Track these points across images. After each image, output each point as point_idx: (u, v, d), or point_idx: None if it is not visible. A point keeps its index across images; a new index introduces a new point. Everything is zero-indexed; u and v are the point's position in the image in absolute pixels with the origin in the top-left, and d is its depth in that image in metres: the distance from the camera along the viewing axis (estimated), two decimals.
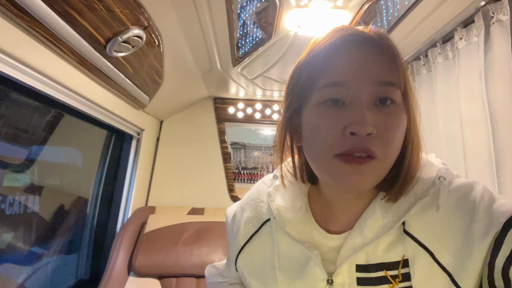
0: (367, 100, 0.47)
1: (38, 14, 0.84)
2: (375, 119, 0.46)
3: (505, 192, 0.94)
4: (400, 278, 0.50)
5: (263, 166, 2.48)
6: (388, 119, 0.47)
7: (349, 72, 0.48)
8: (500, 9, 0.98)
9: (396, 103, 0.48)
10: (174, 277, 1.78)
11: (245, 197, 0.70)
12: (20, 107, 1.29)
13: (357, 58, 0.48)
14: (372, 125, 0.45)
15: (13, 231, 1.34)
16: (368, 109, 0.46)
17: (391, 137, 0.47)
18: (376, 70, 0.47)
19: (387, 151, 0.47)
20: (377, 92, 0.47)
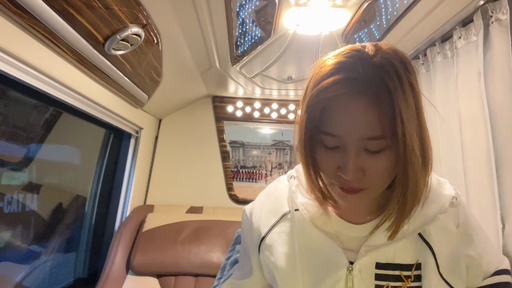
0: (355, 150, 0.52)
1: (37, 12, 0.84)
2: (363, 164, 0.53)
3: (504, 191, 0.94)
4: (412, 278, 0.59)
5: (262, 165, 2.48)
6: (376, 163, 0.53)
7: (343, 127, 0.52)
8: (499, 8, 0.98)
9: (384, 150, 0.52)
10: (173, 276, 1.78)
11: (262, 195, 0.76)
12: (18, 105, 1.28)
13: (350, 115, 0.52)
14: (359, 169, 0.52)
15: (11, 229, 1.34)
16: (357, 157, 0.52)
17: (378, 174, 0.54)
18: (363, 127, 0.51)
19: (375, 183, 0.55)
20: (365, 145, 0.52)
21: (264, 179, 2.47)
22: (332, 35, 1.33)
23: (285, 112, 2.40)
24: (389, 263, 0.59)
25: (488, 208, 0.98)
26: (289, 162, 2.47)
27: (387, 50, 0.53)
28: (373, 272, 0.59)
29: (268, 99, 2.39)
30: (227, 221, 1.95)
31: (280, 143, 2.47)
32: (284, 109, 2.39)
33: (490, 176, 0.99)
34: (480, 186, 1.04)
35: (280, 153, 2.48)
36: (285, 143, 2.47)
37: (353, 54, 0.53)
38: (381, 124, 0.50)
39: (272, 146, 2.48)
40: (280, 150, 2.48)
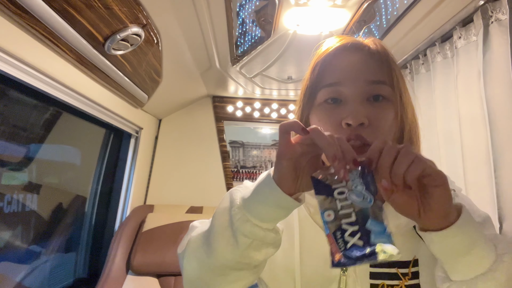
0: (360, 97, 0.55)
1: (37, 12, 0.84)
2: (367, 112, 0.53)
3: (502, 191, 0.94)
4: (409, 276, 0.56)
5: (261, 164, 2.48)
6: (379, 111, 0.54)
7: (343, 74, 0.56)
8: (499, 8, 0.98)
9: (386, 99, 0.56)
10: (173, 276, 1.78)
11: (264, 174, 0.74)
12: (18, 105, 1.29)
13: (350, 62, 0.57)
14: (364, 117, 0.52)
15: (11, 229, 1.34)
16: (361, 104, 0.54)
17: (382, 126, 0.54)
18: (366, 72, 0.56)
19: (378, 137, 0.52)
20: (368, 90, 0.55)
21: None
22: (332, 35, 1.32)
23: (285, 112, 2.40)
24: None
25: (487, 208, 0.98)
26: None
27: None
28: (368, 270, 0.57)
29: (268, 99, 2.39)
30: None
31: None
32: (284, 109, 2.39)
33: (489, 176, 0.99)
34: (480, 186, 1.04)
35: None
36: None
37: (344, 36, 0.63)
38: (381, 72, 0.56)
39: (272, 146, 2.48)
40: None
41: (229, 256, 0.50)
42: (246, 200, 0.50)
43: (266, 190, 0.47)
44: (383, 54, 0.58)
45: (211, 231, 0.53)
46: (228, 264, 0.51)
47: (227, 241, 0.50)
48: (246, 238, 0.48)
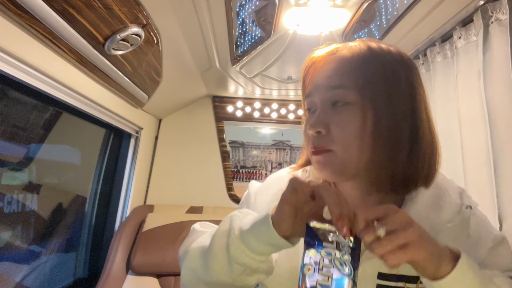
0: (322, 104, 0.57)
1: (37, 12, 0.84)
2: (327, 118, 0.56)
3: (502, 191, 0.94)
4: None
5: (261, 165, 2.48)
6: (338, 117, 0.55)
7: (313, 84, 0.60)
8: (499, 8, 0.98)
9: (348, 103, 0.55)
10: (173, 276, 1.78)
11: (271, 178, 0.74)
12: (18, 105, 1.29)
13: (319, 72, 0.59)
14: (321, 123, 0.55)
15: (11, 229, 1.34)
16: (324, 112, 0.56)
17: (341, 132, 0.54)
18: (328, 78, 0.57)
19: (338, 143, 0.54)
20: (330, 96, 0.56)
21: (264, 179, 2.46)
22: (332, 35, 1.33)
23: (285, 112, 2.40)
24: (393, 273, 0.56)
25: (487, 208, 0.98)
26: (289, 162, 2.47)
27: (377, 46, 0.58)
28: (375, 282, 0.56)
29: (268, 99, 2.39)
30: None
31: (280, 143, 2.48)
32: (284, 109, 2.39)
33: (489, 176, 0.99)
34: (480, 186, 1.04)
35: (280, 153, 2.48)
36: (285, 143, 2.47)
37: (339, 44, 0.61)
38: (341, 76, 0.56)
39: (272, 146, 2.48)
40: (280, 150, 2.48)
41: (223, 277, 0.53)
42: (243, 233, 0.51)
43: (263, 228, 0.49)
44: (357, 56, 0.56)
45: (209, 250, 0.55)
46: (222, 283, 0.54)
47: (222, 264, 0.52)
48: (239, 266, 0.51)
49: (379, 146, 0.53)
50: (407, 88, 0.55)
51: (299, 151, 2.46)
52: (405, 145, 0.54)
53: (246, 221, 0.53)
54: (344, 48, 0.58)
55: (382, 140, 0.53)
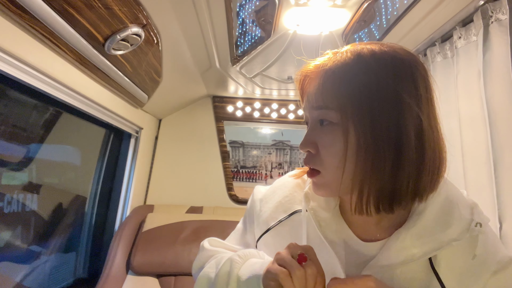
0: (312, 122, 0.58)
1: (37, 12, 0.84)
2: (316, 138, 0.56)
3: (502, 191, 0.94)
4: None
5: (262, 165, 2.48)
6: (324, 136, 0.55)
7: (304, 100, 0.61)
8: (499, 8, 0.98)
9: (332, 123, 0.54)
10: (173, 276, 1.78)
11: (278, 183, 0.73)
12: (18, 105, 1.29)
13: (307, 88, 0.60)
14: (310, 143, 0.56)
15: (11, 229, 1.34)
16: (313, 130, 0.57)
17: (327, 152, 0.55)
18: (312, 96, 0.57)
19: (326, 165, 0.55)
20: (316, 115, 0.57)
21: (264, 179, 2.47)
22: (332, 35, 1.33)
23: (285, 112, 2.40)
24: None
25: (487, 208, 0.98)
26: (289, 162, 2.47)
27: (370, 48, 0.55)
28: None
29: (268, 99, 2.39)
30: (227, 221, 1.95)
31: (280, 143, 2.48)
32: (284, 109, 2.39)
33: (489, 176, 0.99)
34: (480, 186, 1.04)
35: (280, 153, 2.48)
36: (285, 143, 2.47)
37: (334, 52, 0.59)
38: (322, 96, 0.55)
39: (272, 146, 2.48)
40: (280, 150, 2.48)
41: None
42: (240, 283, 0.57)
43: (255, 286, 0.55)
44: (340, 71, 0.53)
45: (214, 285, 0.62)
46: None
47: None
48: None
49: (361, 167, 0.51)
50: (394, 103, 0.51)
51: (299, 151, 2.46)
52: (387, 163, 0.51)
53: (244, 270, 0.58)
54: (329, 61, 0.56)
55: (362, 160, 0.51)
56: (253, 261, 0.60)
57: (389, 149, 0.50)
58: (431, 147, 0.53)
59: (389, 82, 0.51)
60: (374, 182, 0.51)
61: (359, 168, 0.52)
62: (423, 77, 0.54)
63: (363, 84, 0.51)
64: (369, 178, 0.51)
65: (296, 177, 0.69)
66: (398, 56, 0.53)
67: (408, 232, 0.55)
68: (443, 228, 0.55)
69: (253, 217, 0.72)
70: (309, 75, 0.59)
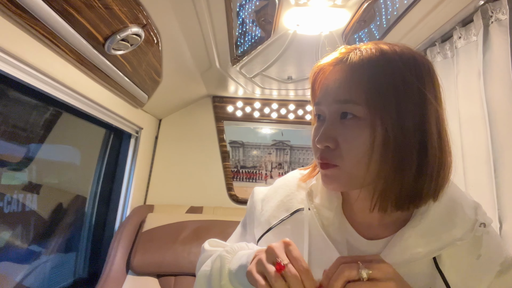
0: (332, 116, 0.56)
1: (37, 12, 0.84)
2: (336, 132, 0.54)
3: (502, 191, 0.94)
4: None
5: (262, 165, 2.48)
6: (346, 131, 0.54)
7: (321, 93, 0.58)
8: (499, 8, 0.98)
9: (357, 117, 0.53)
10: (173, 276, 1.78)
11: (279, 183, 0.72)
12: (18, 105, 1.28)
13: (325, 83, 0.58)
14: (330, 138, 0.54)
15: (11, 229, 1.34)
16: (332, 124, 0.55)
17: (349, 147, 0.53)
18: (335, 91, 0.55)
19: (346, 159, 0.53)
20: (337, 109, 0.55)
21: (264, 179, 2.47)
22: (332, 35, 1.33)
23: (285, 112, 2.40)
24: None
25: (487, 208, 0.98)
26: (289, 162, 2.47)
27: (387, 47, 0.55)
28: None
29: (268, 99, 2.39)
30: (227, 221, 1.95)
31: (280, 143, 2.48)
32: (284, 109, 2.39)
33: (489, 176, 0.99)
34: (480, 186, 1.04)
35: (280, 153, 2.48)
36: (285, 143, 2.47)
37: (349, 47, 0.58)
38: (349, 89, 0.53)
39: (272, 146, 2.48)
40: (280, 150, 2.48)
41: None
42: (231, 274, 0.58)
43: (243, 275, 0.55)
44: (367, 66, 0.53)
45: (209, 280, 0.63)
46: None
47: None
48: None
49: (387, 162, 0.51)
50: (419, 100, 0.52)
51: (299, 151, 2.46)
52: (414, 160, 0.51)
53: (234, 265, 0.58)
54: (354, 55, 0.54)
55: (390, 156, 0.51)
56: (241, 254, 0.60)
57: (416, 146, 0.51)
58: (448, 146, 0.56)
59: (413, 80, 0.52)
60: (399, 178, 0.52)
61: (385, 164, 0.52)
62: (436, 77, 0.56)
63: (390, 81, 0.52)
64: (394, 174, 0.52)
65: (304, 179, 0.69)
66: (415, 55, 0.55)
67: (413, 231, 0.55)
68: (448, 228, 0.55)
69: (253, 217, 0.71)
70: (330, 68, 0.58)
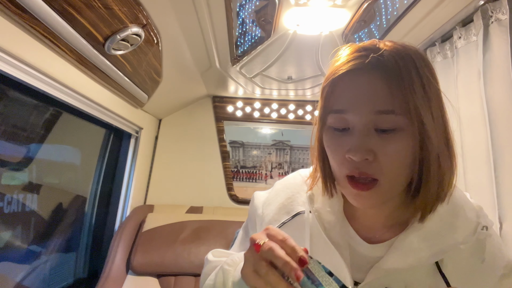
0: (365, 127, 0.50)
1: (37, 12, 0.84)
2: (373, 144, 0.49)
3: (502, 191, 0.94)
4: None
5: (262, 165, 2.48)
6: (387, 144, 0.49)
7: (349, 101, 0.51)
8: (499, 8, 0.98)
9: (398, 130, 0.49)
10: (173, 276, 1.78)
11: (279, 185, 0.70)
12: (18, 105, 1.28)
13: (357, 88, 0.51)
14: (368, 151, 0.49)
15: (11, 229, 1.34)
16: (367, 135, 0.50)
17: (390, 161, 0.49)
18: (373, 100, 0.49)
19: (387, 173, 0.50)
20: (375, 120, 0.49)
21: (264, 179, 2.47)
22: (332, 35, 1.33)
23: (285, 112, 2.40)
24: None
25: (487, 208, 0.98)
26: (289, 162, 2.47)
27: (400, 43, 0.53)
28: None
29: (268, 99, 2.39)
30: (227, 221, 1.95)
31: (280, 143, 2.48)
32: (284, 109, 2.39)
33: (489, 176, 0.99)
34: (480, 186, 1.04)
35: (280, 153, 2.48)
36: (285, 143, 2.47)
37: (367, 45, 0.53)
38: (391, 99, 0.48)
39: (272, 146, 2.48)
40: (280, 150, 2.48)
41: None
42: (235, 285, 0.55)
43: None
44: (404, 71, 0.48)
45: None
46: None
47: None
48: None
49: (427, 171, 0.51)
50: (439, 102, 0.51)
51: (299, 151, 2.46)
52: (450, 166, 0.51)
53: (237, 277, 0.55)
54: (387, 57, 0.49)
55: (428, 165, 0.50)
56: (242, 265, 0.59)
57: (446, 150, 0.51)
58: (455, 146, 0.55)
59: (434, 82, 0.51)
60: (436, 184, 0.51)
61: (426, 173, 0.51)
62: None
63: (422, 87, 0.49)
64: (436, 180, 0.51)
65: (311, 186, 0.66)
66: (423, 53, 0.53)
67: (415, 234, 0.54)
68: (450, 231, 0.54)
69: (255, 222, 0.70)
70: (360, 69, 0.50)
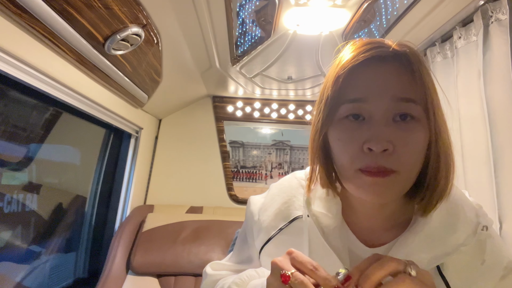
0: (385, 116, 0.49)
1: (37, 12, 0.84)
2: (393, 135, 0.48)
3: (502, 191, 0.94)
4: None
5: (262, 165, 2.48)
6: (406, 135, 0.48)
7: (369, 89, 0.50)
8: (499, 8, 0.98)
9: (416, 119, 0.49)
10: (173, 276, 1.78)
11: (275, 189, 0.68)
12: (18, 105, 1.28)
13: (378, 76, 0.50)
14: (388, 141, 0.47)
15: (11, 229, 1.34)
16: (386, 125, 0.48)
17: (409, 152, 0.48)
18: (395, 87, 0.49)
19: (405, 165, 0.49)
20: (395, 108, 0.49)
21: (264, 179, 2.47)
22: (332, 35, 1.33)
23: (285, 112, 2.40)
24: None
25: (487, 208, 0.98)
26: (289, 162, 2.47)
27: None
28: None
29: (268, 99, 2.39)
30: (227, 221, 1.95)
31: (280, 143, 2.48)
32: (284, 109, 2.39)
33: (489, 176, 0.99)
34: (480, 186, 1.04)
35: (280, 153, 2.48)
36: (285, 143, 2.47)
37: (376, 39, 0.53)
38: (414, 87, 0.48)
39: (272, 146, 2.48)
40: (280, 150, 2.48)
41: None
42: None
43: None
44: (417, 66, 0.49)
45: None
46: None
47: None
48: None
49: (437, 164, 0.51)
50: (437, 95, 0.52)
51: (299, 151, 2.46)
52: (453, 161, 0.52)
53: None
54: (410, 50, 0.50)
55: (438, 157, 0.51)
56: (253, 284, 0.58)
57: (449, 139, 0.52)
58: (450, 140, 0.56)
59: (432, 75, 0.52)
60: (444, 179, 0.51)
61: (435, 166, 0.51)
62: None
63: (431, 78, 0.51)
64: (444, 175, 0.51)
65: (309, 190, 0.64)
66: None
67: (416, 236, 0.54)
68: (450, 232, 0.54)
69: (252, 228, 0.68)
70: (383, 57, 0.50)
